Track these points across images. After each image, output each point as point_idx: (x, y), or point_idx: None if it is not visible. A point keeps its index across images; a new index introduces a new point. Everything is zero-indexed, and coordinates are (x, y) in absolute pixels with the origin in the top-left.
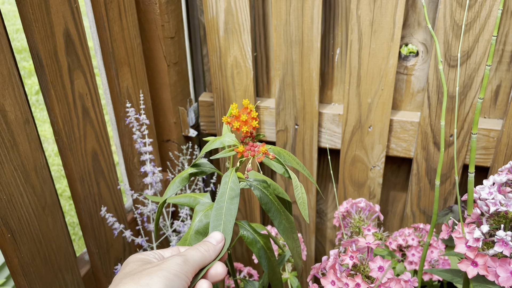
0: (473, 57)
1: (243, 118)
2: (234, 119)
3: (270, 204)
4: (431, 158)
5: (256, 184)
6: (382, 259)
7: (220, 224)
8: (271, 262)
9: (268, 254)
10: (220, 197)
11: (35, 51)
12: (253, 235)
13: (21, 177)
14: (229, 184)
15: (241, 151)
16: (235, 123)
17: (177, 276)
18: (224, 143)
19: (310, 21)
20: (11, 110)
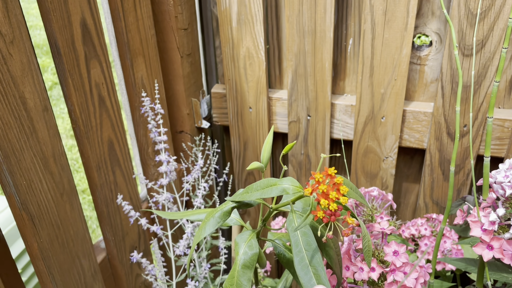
0: (487, 46)
1: (332, 196)
2: (320, 196)
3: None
4: (445, 149)
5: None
6: (397, 243)
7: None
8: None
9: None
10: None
11: (53, 40)
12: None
13: (40, 164)
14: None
15: (320, 216)
16: (323, 201)
17: None
18: (286, 190)
19: (323, 11)
20: (31, 98)
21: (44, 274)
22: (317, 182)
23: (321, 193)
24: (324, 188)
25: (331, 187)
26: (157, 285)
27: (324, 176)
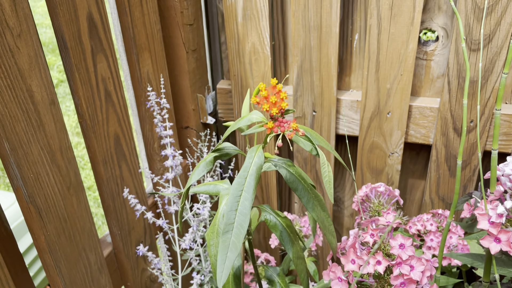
0: (494, 41)
1: (272, 99)
2: (263, 100)
3: (297, 183)
4: (451, 144)
5: (281, 163)
6: (403, 236)
7: (238, 201)
8: (294, 245)
9: (291, 237)
10: (243, 171)
11: (60, 34)
12: (276, 219)
13: (47, 157)
14: (254, 158)
15: (270, 127)
16: (265, 105)
17: None
18: (251, 120)
19: (329, 6)
20: (38, 91)
21: (51, 267)
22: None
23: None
24: (265, 93)
25: (275, 96)
26: (162, 279)
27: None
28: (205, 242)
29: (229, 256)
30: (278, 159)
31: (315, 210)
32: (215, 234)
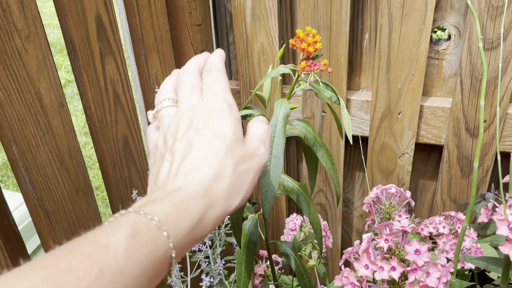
0: (509, 39)
1: (309, 40)
2: (299, 41)
3: (313, 140)
4: (463, 145)
5: (299, 122)
6: (419, 242)
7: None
8: (310, 207)
9: (307, 200)
10: (273, 120)
11: (68, 36)
12: (293, 184)
13: (56, 160)
14: (281, 108)
15: (303, 66)
16: (303, 44)
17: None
18: (279, 72)
19: (339, 5)
20: (46, 94)
21: None
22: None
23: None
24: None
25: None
26: (171, 281)
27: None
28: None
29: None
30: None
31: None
32: None
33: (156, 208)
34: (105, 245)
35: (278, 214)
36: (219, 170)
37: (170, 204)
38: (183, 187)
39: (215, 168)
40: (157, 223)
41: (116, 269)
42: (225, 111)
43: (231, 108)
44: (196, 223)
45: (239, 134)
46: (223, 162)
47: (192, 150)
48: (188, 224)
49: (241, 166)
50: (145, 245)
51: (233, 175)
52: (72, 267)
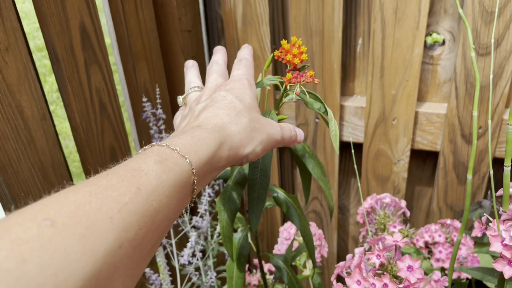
0: (503, 45)
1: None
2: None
3: (303, 151)
4: (459, 151)
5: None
6: (411, 258)
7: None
8: (301, 219)
9: (298, 212)
10: None
11: (51, 46)
12: (284, 195)
13: (39, 174)
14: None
15: (288, 78)
16: (288, 56)
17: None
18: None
19: (331, 11)
20: (28, 106)
21: None
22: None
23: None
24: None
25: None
26: None
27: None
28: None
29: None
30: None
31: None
32: (226, 199)
33: (176, 141)
34: (138, 169)
35: (273, 222)
36: (236, 118)
37: (188, 137)
38: (201, 125)
39: (233, 115)
40: (180, 151)
41: (150, 188)
42: (245, 86)
43: (251, 85)
44: (213, 153)
45: (256, 105)
46: (240, 114)
47: (214, 104)
48: (206, 153)
49: (255, 123)
50: (171, 169)
51: (248, 126)
52: (113, 185)
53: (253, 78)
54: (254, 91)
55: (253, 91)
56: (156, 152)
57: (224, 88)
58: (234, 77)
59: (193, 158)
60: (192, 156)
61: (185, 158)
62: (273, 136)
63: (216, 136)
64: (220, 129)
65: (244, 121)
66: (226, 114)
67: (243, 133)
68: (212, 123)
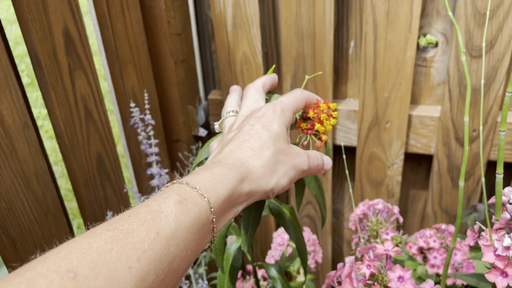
0: (496, 47)
1: (323, 117)
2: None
3: None
4: (453, 155)
5: None
6: (402, 268)
7: None
8: (297, 232)
9: (294, 224)
10: None
11: (33, 52)
12: (279, 207)
13: (21, 184)
14: None
15: (303, 127)
16: (317, 125)
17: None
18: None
19: (322, 13)
20: (9, 114)
21: None
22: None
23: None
24: (325, 117)
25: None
26: None
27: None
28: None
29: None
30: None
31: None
32: None
33: (196, 179)
34: (158, 211)
35: (266, 227)
36: (259, 151)
37: (208, 174)
38: (222, 160)
39: (256, 148)
40: (199, 190)
41: (169, 232)
42: (277, 112)
43: (283, 112)
44: (232, 190)
45: (284, 133)
46: (264, 146)
47: (240, 136)
48: (225, 191)
49: (280, 156)
50: (190, 210)
51: (272, 158)
52: (134, 230)
53: (291, 105)
54: (286, 118)
55: (285, 118)
56: (177, 191)
57: (255, 115)
58: (271, 103)
59: (212, 196)
60: (211, 194)
61: (203, 197)
62: (299, 166)
63: (236, 172)
64: (241, 164)
65: (268, 154)
66: (249, 147)
67: (265, 167)
68: (233, 157)
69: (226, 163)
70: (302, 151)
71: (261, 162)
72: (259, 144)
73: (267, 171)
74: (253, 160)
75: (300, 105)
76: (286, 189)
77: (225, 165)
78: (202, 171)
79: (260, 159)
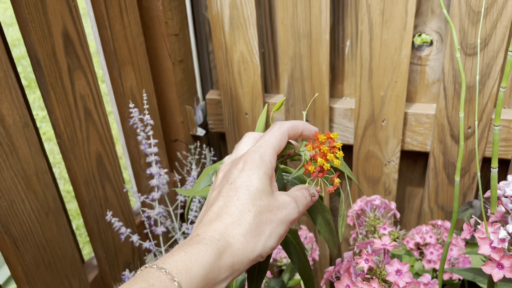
0: (491, 45)
1: (330, 157)
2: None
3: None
4: (449, 152)
5: (295, 181)
6: (400, 262)
7: None
8: (301, 257)
9: (297, 249)
10: None
11: (33, 52)
12: None
13: (22, 183)
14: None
15: (311, 170)
16: (320, 160)
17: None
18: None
19: (318, 13)
20: (9, 114)
21: None
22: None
23: (319, 152)
24: (325, 149)
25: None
26: None
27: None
28: None
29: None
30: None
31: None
32: None
33: (169, 260)
34: None
35: None
36: (239, 217)
37: (182, 253)
38: (200, 233)
39: (235, 214)
40: (168, 274)
41: None
42: (255, 162)
43: (262, 159)
44: (210, 268)
45: (266, 185)
46: (244, 209)
47: (218, 199)
48: (200, 271)
49: (263, 215)
50: None
51: (253, 222)
52: None
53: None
54: (266, 166)
55: (265, 167)
56: (145, 277)
57: (234, 169)
58: (249, 151)
59: (184, 278)
60: (183, 276)
61: (173, 281)
62: (288, 218)
63: (214, 248)
64: (220, 236)
65: (248, 218)
66: (228, 214)
67: (248, 233)
68: (212, 229)
69: (203, 238)
70: (288, 199)
71: (242, 230)
72: (238, 209)
73: (250, 237)
74: (233, 228)
75: (283, 141)
76: (276, 247)
77: (203, 240)
78: (178, 250)
79: (240, 226)
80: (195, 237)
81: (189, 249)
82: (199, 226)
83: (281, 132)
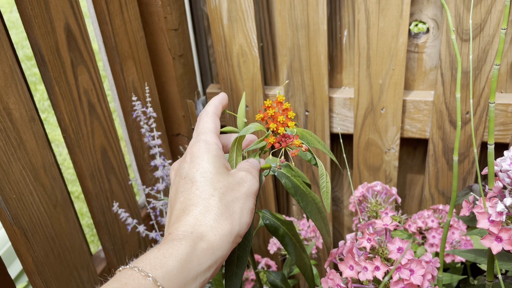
0: (486, 30)
1: (280, 119)
2: (270, 120)
3: (296, 188)
4: (448, 137)
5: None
6: (401, 240)
7: None
8: (297, 248)
9: (293, 240)
10: None
11: (37, 48)
12: (276, 223)
13: (30, 176)
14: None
15: (272, 142)
16: (272, 124)
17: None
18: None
19: (315, 3)
20: (16, 108)
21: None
22: (267, 107)
23: (270, 118)
24: (272, 112)
25: (280, 113)
26: None
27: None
28: None
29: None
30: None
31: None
32: None
33: (142, 258)
34: None
35: None
36: (205, 204)
37: (155, 251)
38: (172, 232)
39: (200, 203)
40: (142, 271)
41: None
42: (201, 148)
43: (206, 143)
44: (187, 259)
45: (220, 168)
46: (206, 196)
47: (178, 196)
48: (175, 263)
49: (227, 195)
50: None
51: (221, 205)
52: None
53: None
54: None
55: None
56: (118, 278)
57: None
58: (191, 144)
59: (160, 273)
60: (158, 272)
61: (147, 277)
62: (251, 190)
63: (188, 239)
64: (192, 228)
65: (214, 203)
66: (193, 205)
67: (219, 216)
68: (182, 224)
69: (176, 235)
70: (243, 173)
71: (212, 215)
72: (201, 197)
73: (223, 219)
74: (203, 217)
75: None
76: (251, 222)
77: (175, 236)
78: (151, 250)
79: (209, 212)
80: (167, 236)
81: (162, 246)
82: (169, 226)
83: (209, 115)
